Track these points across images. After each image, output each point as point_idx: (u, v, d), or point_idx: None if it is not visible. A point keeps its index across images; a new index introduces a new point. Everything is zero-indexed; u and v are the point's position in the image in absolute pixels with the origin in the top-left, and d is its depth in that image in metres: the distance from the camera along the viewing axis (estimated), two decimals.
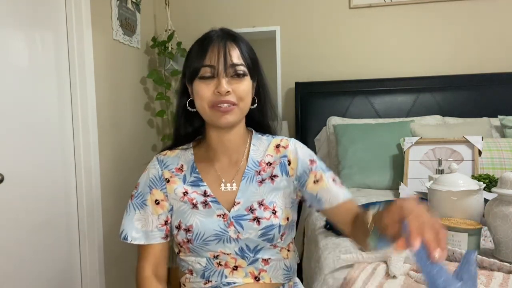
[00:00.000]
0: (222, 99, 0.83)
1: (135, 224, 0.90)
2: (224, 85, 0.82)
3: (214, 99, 0.83)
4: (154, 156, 0.97)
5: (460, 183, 1.07)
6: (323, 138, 2.40)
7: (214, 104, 0.83)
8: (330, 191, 0.90)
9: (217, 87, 0.83)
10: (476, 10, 2.38)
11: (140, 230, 0.90)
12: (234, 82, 0.84)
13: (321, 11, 2.55)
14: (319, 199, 0.91)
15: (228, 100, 0.83)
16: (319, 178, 0.91)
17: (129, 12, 2.25)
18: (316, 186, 0.91)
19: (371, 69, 2.50)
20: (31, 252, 1.59)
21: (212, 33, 0.88)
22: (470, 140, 1.75)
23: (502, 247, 0.96)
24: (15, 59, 1.53)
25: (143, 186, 0.93)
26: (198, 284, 0.90)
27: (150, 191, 0.91)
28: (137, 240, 0.90)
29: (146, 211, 0.91)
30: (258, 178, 0.91)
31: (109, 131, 2.06)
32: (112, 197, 2.06)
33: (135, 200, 0.92)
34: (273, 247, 0.90)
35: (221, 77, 0.83)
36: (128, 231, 0.90)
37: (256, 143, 0.95)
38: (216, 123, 0.85)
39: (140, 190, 0.93)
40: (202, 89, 0.84)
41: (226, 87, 0.82)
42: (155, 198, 0.91)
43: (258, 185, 0.90)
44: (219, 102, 0.83)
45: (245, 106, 0.87)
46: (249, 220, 0.87)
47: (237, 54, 0.86)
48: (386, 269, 0.92)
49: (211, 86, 0.84)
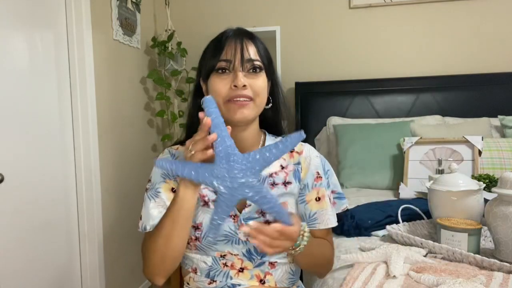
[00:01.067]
0: (238, 93, 0.82)
1: (151, 212, 0.86)
2: (241, 78, 0.81)
3: (230, 93, 0.82)
4: (166, 149, 0.95)
5: (460, 183, 1.07)
6: (323, 138, 2.40)
7: (230, 98, 0.82)
8: (326, 213, 0.90)
9: (233, 80, 0.82)
10: (476, 10, 2.38)
11: (157, 216, 0.85)
12: (250, 77, 0.84)
13: (321, 11, 2.55)
14: (315, 218, 0.90)
15: (244, 94, 0.82)
16: (321, 196, 0.91)
17: (129, 12, 2.25)
18: (317, 205, 0.90)
19: (371, 69, 2.50)
20: (31, 252, 1.59)
21: (228, 31, 0.88)
22: (470, 140, 1.75)
23: (502, 247, 0.95)
24: (15, 59, 1.53)
25: (156, 177, 0.89)
26: (203, 283, 0.90)
27: (164, 180, 0.88)
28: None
29: (162, 198, 0.87)
30: (270, 180, 0.90)
31: (109, 131, 2.06)
32: (112, 197, 2.06)
33: (149, 192, 0.89)
34: None
35: (237, 71, 0.82)
36: (146, 221, 0.86)
37: None
38: (232, 118, 0.83)
39: (153, 181, 0.90)
40: (218, 84, 0.83)
41: (243, 81, 0.81)
42: (171, 186, 0.88)
43: (270, 188, 0.89)
44: (235, 96, 0.82)
45: (261, 103, 0.86)
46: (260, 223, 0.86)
47: (253, 50, 0.86)
48: (386, 269, 0.92)
49: (228, 81, 0.83)
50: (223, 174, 0.66)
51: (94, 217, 1.89)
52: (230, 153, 0.67)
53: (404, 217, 1.24)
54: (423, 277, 0.84)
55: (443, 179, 1.10)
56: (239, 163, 0.67)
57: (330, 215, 0.91)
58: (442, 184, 1.09)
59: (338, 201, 0.95)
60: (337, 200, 0.95)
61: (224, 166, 0.67)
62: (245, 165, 0.67)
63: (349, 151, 2.08)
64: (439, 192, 1.09)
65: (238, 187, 0.67)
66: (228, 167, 0.67)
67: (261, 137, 0.95)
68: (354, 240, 1.22)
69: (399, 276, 0.88)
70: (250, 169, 0.67)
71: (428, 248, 1.00)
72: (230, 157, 0.67)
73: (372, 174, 1.97)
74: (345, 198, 0.97)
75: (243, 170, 0.66)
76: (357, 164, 2.02)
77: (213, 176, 0.67)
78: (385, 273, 0.90)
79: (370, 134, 2.11)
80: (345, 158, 2.08)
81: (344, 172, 2.04)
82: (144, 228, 0.86)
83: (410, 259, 0.93)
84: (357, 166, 2.02)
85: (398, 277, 0.88)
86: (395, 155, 1.97)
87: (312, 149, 0.96)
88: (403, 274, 0.90)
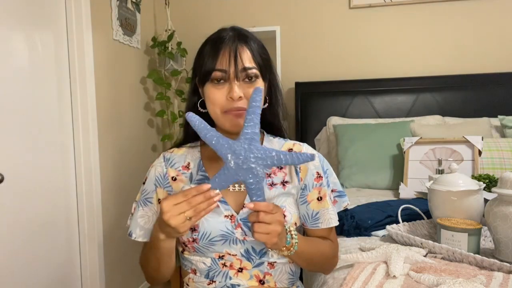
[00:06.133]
0: (234, 105, 0.83)
1: (138, 221, 0.91)
2: (236, 90, 0.82)
3: (226, 105, 0.84)
4: (161, 153, 0.96)
5: (460, 183, 1.07)
6: (323, 138, 2.40)
7: (227, 110, 0.84)
8: (328, 212, 0.90)
9: (229, 92, 0.83)
10: (476, 10, 2.38)
11: (143, 227, 0.91)
12: (246, 87, 0.84)
13: (321, 11, 2.55)
14: (317, 218, 0.90)
15: (240, 106, 0.83)
16: (322, 195, 0.91)
17: (129, 12, 2.25)
18: (319, 205, 0.90)
19: (371, 69, 2.50)
20: (31, 251, 1.59)
21: (223, 34, 0.87)
22: (470, 140, 1.75)
23: (502, 247, 0.96)
24: (15, 59, 1.53)
25: (149, 183, 0.92)
26: (202, 284, 0.90)
27: (155, 189, 0.91)
28: (140, 238, 0.91)
29: (151, 208, 0.91)
30: (268, 180, 0.90)
31: (109, 131, 2.06)
32: (112, 197, 2.06)
33: (141, 197, 0.93)
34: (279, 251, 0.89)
35: (232, 82, 0.83)
36: (133, 228, 0.91)
37: (267, 145, 0.94)
38: (229, 128, 0.85)
39: (146, 187, 0.93)
40: (214, 94, 0.84)
41: (238, 92, 0.82)
42: (159, 197, 0.91)
43: (269, 189, 0.89)
44: (231, 109, 0.83)
45: None
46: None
47: (248, 56, 0.85)
48: (386, 269, 0.92)
49: (223, 91, 0.83)
50: (240, 152, 0.71)
51: (94, 217, 1.89)
52: (254, 139, 0.73)
53: (404, 217, 1.24)
54: (423, 277, 0.84)
55: (443, 179, 1.10)
56: (258, 149, 0.72)
57: (331, 214, 0.91)
58: (442, 184, 1.09)
59: (339, 199, 0.95)
60: (338, 198, 0.95)
61: (245, 146, 0.72)
62: (261, 155, 0.72)
63: (349, 151, 2.08)
64: (439, 192, 1.09)
65: (246, 169, 0.72)
66: (248, 149, 0.72)
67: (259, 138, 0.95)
68: (354, 240, 1.22)
69: (399, 276, 0.88)
70: (263, 160, 0.72)
71: (428, 248, 1.00)
72: (252, 142, 0.72)
73: (372, 174, 1.97)
74: (345, 195, 0.97)
75: (258, 157, 0.72)
76: (357, 164, 2.02)
77: (231, 150, 0.72)
78: (385, 273, 0.91)
79: (370, 134, 2.11)
80: (345, 158, 2.08)
81: (344, 172, 2.04)
82: (129, 234, 0.92)
83: (410, 259, 0.93)
84: (357, 166, 2.02)
85: (398, 277, 0.88)
86: (395, 155, 1.97)
87: (310, 149, 0.96)
88: (403, 274, 0.90)
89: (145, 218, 0.91)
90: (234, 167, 0.72)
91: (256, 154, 0.72)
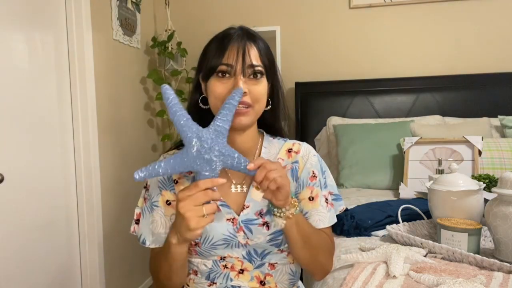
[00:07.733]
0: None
1: (150, 227, 0.89)
2: (241, 85, 0.81)
3: None
4: (161, 155, 0.95)
5: (460, 183, 1.07)
6: (323, 138, 2.40)
7: None
8: (319, 213, 0.89)
9: (234, 86, 0.81)
10: (476, 10, 2.38)
11: (154, 233, 0.88)
12: (251, 83, 0.83)
13: (321, 11, 2.55)
14: (307, 218, 0.89)
15: (244, 101, 0.82)
16: (314, 196, 0.90)
17: (129, 12, 2.25)
18: (309, 204, 0.89)
19: (371, 69, 2.50)
20: (31, 251, 1.59)
21: (231, 31, 0.87)
22: (470, 140, 1.75)
23: (502, 247, 0.95)
24: (15, 59, 1.53)
25: (153, 188, 0.90)
26: (202, 285, 0.90)
27: (160, 192, 0.89)
28: (153, 244, 0.88)
29: (158, 212, 0.89)
30: None
31: (109, 131, 2.06)
32: (112, 197, 2.06)
33: (148, 202, 0.90)
34: (280, 251, 0.89)
35: (238, 76, 0.82)
36: (146, 236, 0.88)
37: (267, 146, 0.94)
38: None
39: (150, 192, 0.91)
40: (218, 87, 0.83)
41: (244, 87, 0.81)
42: (166, 199, 0.89)
43: None
44: None
45: (259, 108, 0.86)
46: (258, 224, 0.85)
47: (255, 54, 0.85)
48: (386, 269, 0.92)
49: (228, 85, 0.82)
50: (206, 140, 0.72)
51: (94, 217, 1.89)
52: (223, 134, 0.74)
53: (404, 217, 1.24)
54: (423, 277, 0.84)
55: (443, 179, 1.10)
56: (224, 145, 0.73)
57: (322, 215, 0.89)
58: (442, 184, 1.09)
59: (335, 202, 0.95)
60: (335, 202, 0.94)
61: (212, 136, 0.73)
62: (226, 151, 0.73)
63: (349, 151, 2.08)
64: (439, 192, 1.09)
65: (207, 160, 0.72)
66: (215, 140, 0.73)
67: (259, 139, 0.95)
68: (354, 240, 1.22)
69: (399, 276, 0.88)
70: (225, 157, 0.73)
71: (428, 248, 1.00)
72: (220, 136, 0.74)
73: (372, 174, 1.97)
74: (341, 199, 0.96)
75: (222, 153, 0.73)
76: (357, 164, 2.02)
77: (197, 136, 0.72)
78: (385, 273, 0.90)
79: (370, 134, 2.11)
80: (345, 158, 2.08)
81: (344, 172, 2.04)
82: (143, 242, 0.89)
83: (410, 259, 0.93)
84: (357, 166, 2.02)
85: (398, 277, 0.88)
86: (395, 155, 1.97)
87: (309, 147, 0.96)
88: (403, 274, 0.90)
89: (154, 224, 0.88)
90: (195, 153, 0.71)
91: (221, 149, 0.72)
